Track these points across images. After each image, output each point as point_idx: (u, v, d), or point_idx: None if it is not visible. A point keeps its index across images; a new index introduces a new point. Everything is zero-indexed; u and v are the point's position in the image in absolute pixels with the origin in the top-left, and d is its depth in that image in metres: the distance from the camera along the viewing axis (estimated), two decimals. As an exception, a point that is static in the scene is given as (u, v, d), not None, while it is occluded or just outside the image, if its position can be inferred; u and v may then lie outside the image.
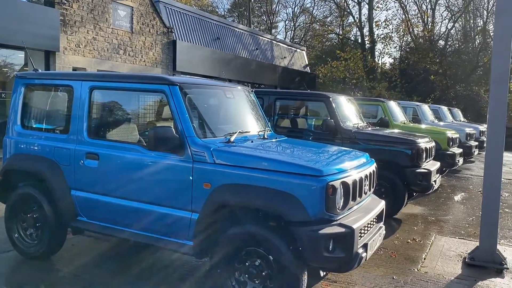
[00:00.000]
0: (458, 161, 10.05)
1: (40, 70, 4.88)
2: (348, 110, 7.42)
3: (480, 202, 5.28)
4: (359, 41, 34.66)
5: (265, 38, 25.78)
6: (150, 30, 15.77)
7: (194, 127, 3.69)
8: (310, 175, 3.21)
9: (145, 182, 3.80)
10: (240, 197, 3.37)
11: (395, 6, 43.68)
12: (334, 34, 37.98)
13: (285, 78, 24.93)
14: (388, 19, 34.60)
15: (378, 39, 32.97)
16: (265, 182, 3.29)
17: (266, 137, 4.32)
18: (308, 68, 30.75)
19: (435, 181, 6.85)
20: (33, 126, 4.71)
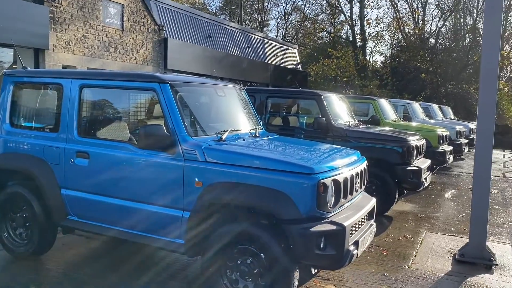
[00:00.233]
0: (449, 158, 10.16)
1: (29, 68, 4.83)
2: (339, 108, 7.45)
3: (470, 199, 5.33)
4: (351, 39, 34.78)
5: (256, 36, 25.73)
6: (141, 27, 15.66)
7: (185, 125, 3.67)
8: (301, 173, 3.22)
9: (136, 181, 3.78)
10: (231, 195, 3.36)
11: (386, 5, 43.99)
12: (325, 32, 38.07)
13: (276, 76, 24.92)
14: (379, 17, 34.59)
15: (369, 37, 33.11)
16: (256, 180, 3.30)
17: (257, 135, 4.32)
18: (299, 66, 30.78)
19: (426, 178, 6.90)
20: (22, 124, 4.66)
